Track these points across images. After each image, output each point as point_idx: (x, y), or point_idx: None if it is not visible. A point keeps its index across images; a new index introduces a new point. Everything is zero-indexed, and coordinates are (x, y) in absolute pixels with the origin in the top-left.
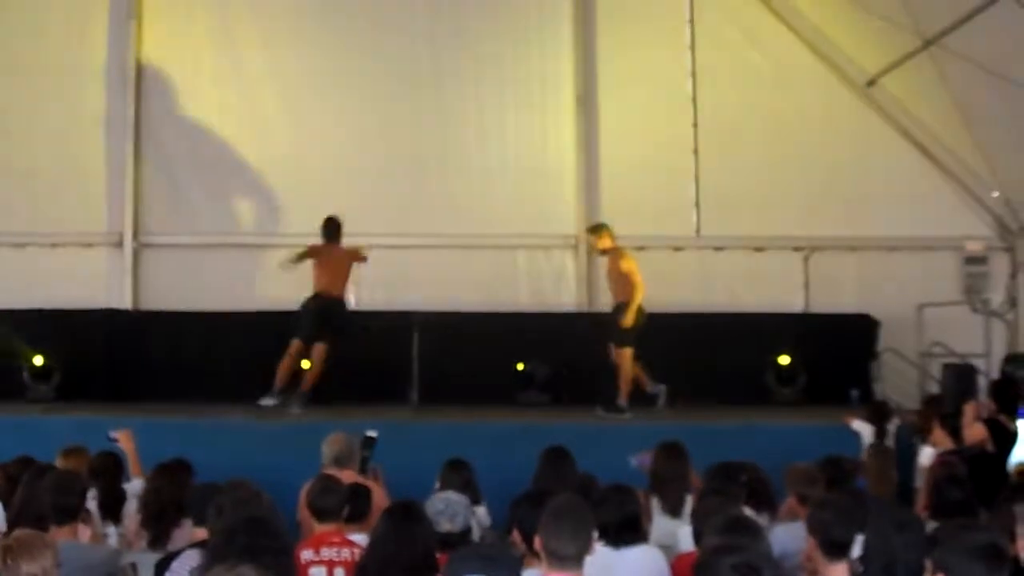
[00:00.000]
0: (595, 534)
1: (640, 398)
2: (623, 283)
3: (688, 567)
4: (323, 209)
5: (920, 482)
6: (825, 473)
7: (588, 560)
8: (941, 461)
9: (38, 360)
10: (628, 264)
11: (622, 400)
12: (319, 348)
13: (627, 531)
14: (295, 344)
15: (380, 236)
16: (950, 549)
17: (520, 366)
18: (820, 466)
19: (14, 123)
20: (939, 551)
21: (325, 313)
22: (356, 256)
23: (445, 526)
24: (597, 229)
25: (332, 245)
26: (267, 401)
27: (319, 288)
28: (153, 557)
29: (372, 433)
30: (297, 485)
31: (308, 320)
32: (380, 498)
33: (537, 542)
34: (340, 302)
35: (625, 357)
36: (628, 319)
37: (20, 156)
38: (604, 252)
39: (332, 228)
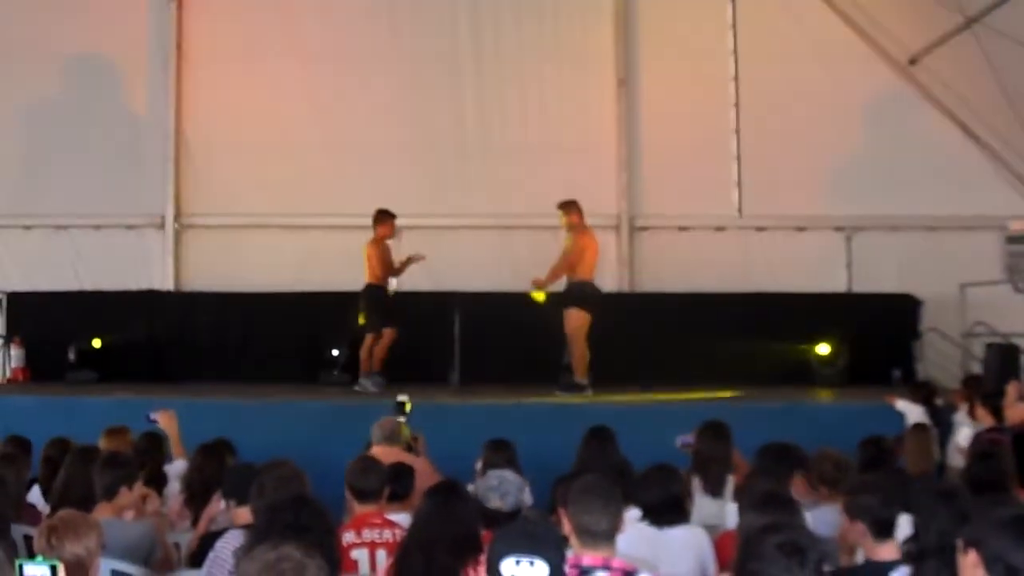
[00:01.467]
0: (625, 511)
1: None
2: (567, 260)
3: (734, 544)
4: (363, 189)
5: (954, 461)
6: (866, 453)
7: (631, 539)
8: (981, 438)
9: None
10: (581, 242)
11: (579, 378)
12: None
13: (670, 511)
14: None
15: (420, 217)
16: (981, 524)
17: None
18: (860, 446)
19: (57, 107)
20: (970, 527)
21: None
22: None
23: (495, 503)
24: (566, 206)
25: None
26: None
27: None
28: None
29: (403, 398)
30: (338, 465)
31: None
32: (424, 467)
33: (566, 521)
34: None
35: (577, 330)
36: (545, 283)
37: (62, 139)
38: (570, 229)
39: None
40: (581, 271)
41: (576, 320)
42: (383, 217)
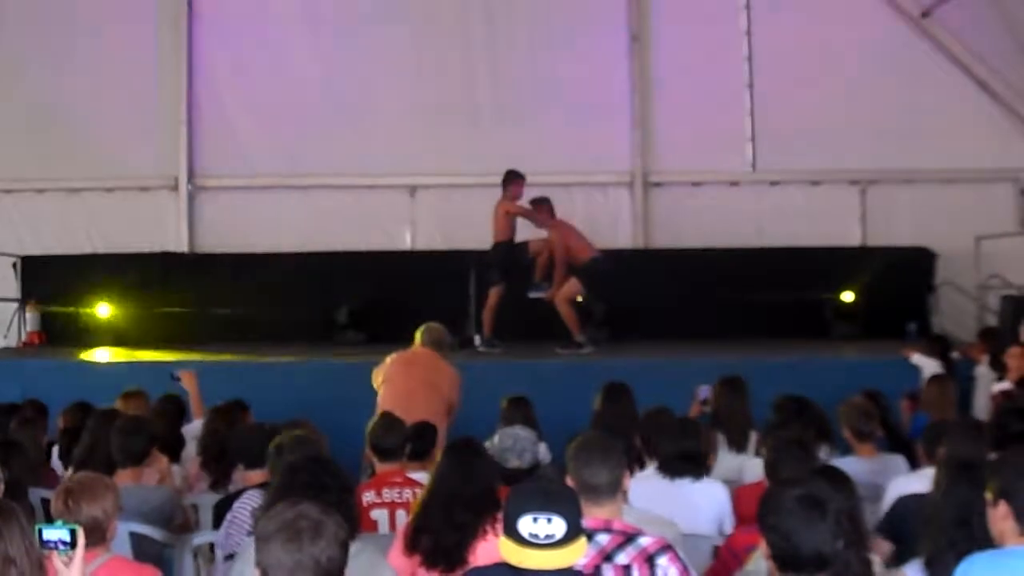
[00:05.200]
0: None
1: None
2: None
3: (751, 497)
4: (376, 150)
5: (980, 414)
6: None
7: (647, 492)
8: (1005, 393)
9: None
10: (556, 236)
11: (577, 336)
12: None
13: (685, 463)
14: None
15: (435, 176)
16: (1008, 474)
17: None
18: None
19: (68, 69)
20: (997, 478)
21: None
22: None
23: (513, 462)
24: (534, 205)
25: None
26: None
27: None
28: (213, 498)
29: None
30: (354, 425)
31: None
32: (454, 380)
33: (568, 476)
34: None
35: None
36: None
37: (74, 101)
38: (542, 226)
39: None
40: (580, 255)
41: (572, 288)
42: (513, 176)
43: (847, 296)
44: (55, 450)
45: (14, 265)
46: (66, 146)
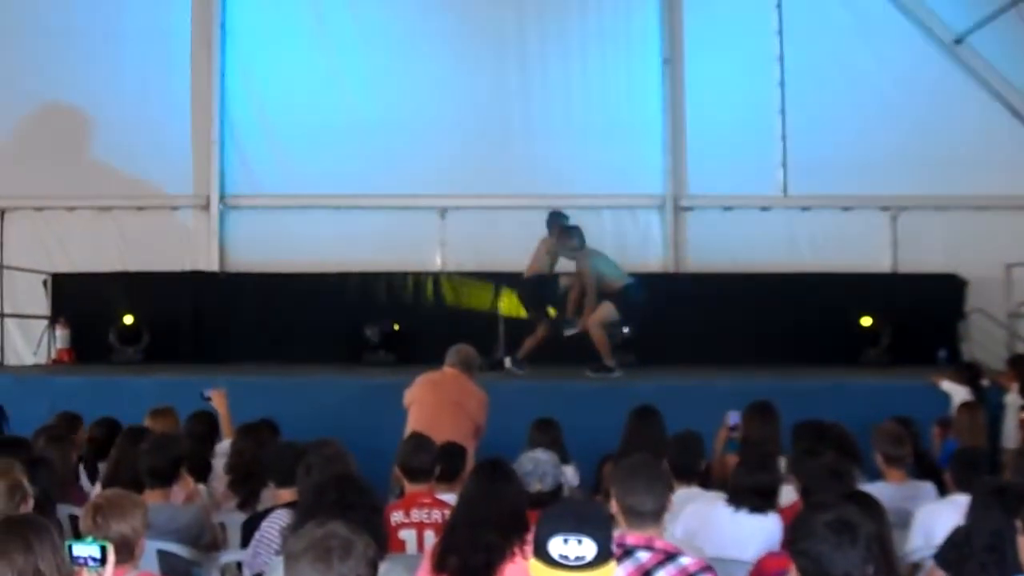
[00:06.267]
0: (680, 488)
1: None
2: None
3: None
4: (408, 169)
5: (1008, 443)
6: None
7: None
8: None
9: (128, 320)
10: (588, 263)
11: (608, 360)
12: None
13: (757, 497)
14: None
15: (465, 198)
16: None
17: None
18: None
19: (100, 87)
20: None
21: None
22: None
23: (536, 486)
24: (567, 233)
25: None
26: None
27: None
28: (241, 517)
29: None
30: (382, 444)
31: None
32: (482, 402)
33: (613, 501)
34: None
35: (604, 314)
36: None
37: (106, 119)
38: (570, 257)
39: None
40: (613, 285)
41: (605, 311)
42: (558, 218)
43: (869, 321)
44: (82, 467)
45: (44, 282)
46: (97, 164)
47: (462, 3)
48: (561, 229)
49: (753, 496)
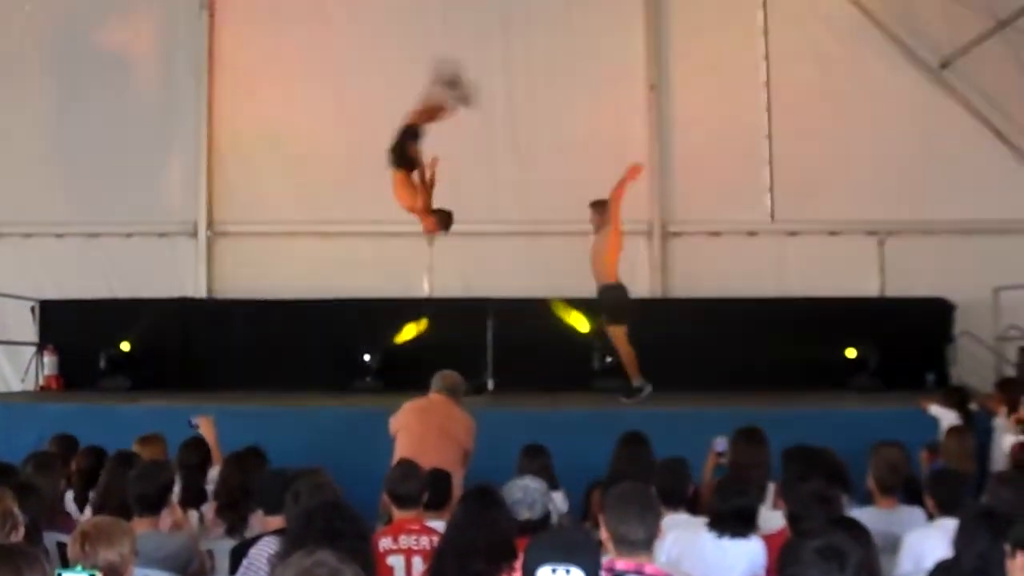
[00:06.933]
0: (668, 513)
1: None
2: (606, 262)
3: (771, 548)
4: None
5: (998, 466)
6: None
7: (681, 541)
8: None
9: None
10: (615, 242)
11: (636, 380)
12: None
13: (738, 522)
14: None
15: (454, 224)
16: None
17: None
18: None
19: (88, 114)
20: (1015, 531)
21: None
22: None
23: (524, 514)
24: (602, 205)
25: None
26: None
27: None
28: (229, 543)
29: None
30: (370, 471)
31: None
32: (469, 427)
33: (603, 528)
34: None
35: (618, 336)
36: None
37: (94, 147)
38: (599, 228)
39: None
40: (613, 272)
41: (618, 333)
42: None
43: (859, 344)
44: (69, 494)
45: (32, 309)
46: (85, 191)
47: (447, 29)
48: (595, 203)
49: (733, 521)
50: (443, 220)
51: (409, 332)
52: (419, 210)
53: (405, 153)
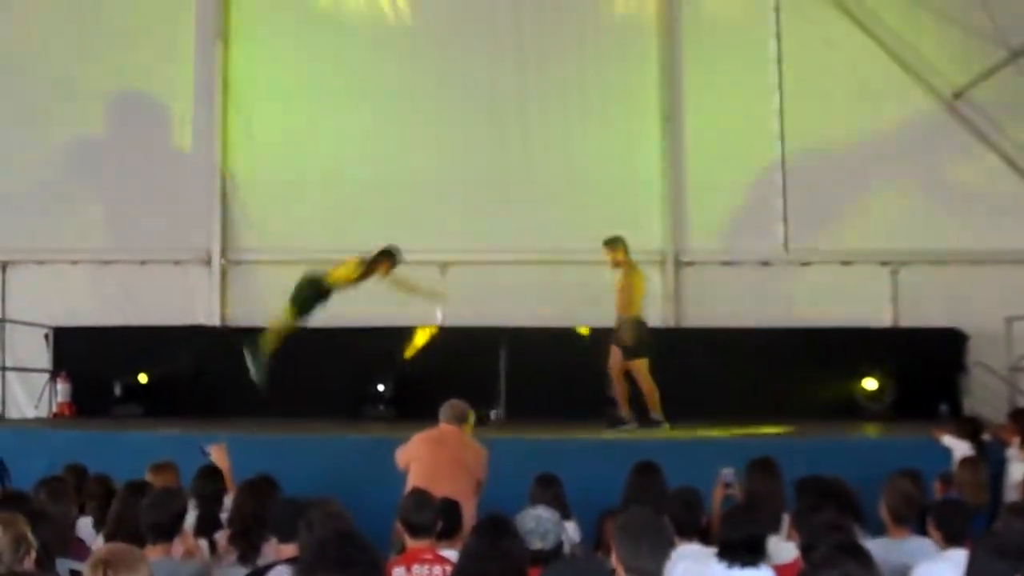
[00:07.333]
0: (682, 544)
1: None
2: (623, 297)
3: None
4: (409, 227)
5: (1010, 497)
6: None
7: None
8: None
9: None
10: (631, 279)
11: (654, 413)
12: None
13: (748, 552)
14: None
15: (466, 253)
16: None
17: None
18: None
19: (104, 143)
20: None
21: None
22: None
23: (537, 544)
24: (612, 243)
25: None
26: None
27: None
28: (242, 572)
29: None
30: (383, 500)
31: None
32: (481, 458)
33: (615, 559)
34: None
35: (640, 369)
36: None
37: (108, 175)
38: (616, 266)
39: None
40: (633, 308)
41: (639, 367)
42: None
43: (872, 374)
44: (80, 522)
45: (46, 336)
46: (99, 219)
47: (463, 60)
48: (607, 241)
49: (743, 550)
50: (389, 257)
51: (420, 339)
52: (362, 276)
53: (306, 306)
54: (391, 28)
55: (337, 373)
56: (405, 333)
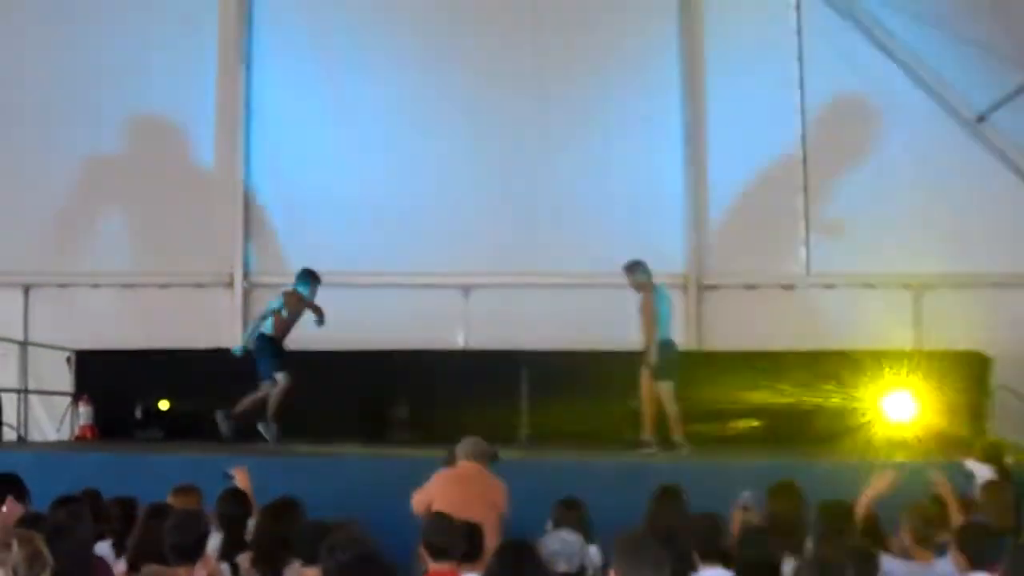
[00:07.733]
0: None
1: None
2: (646, 319)
3: None
4: (432, 248)
5: None
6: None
7: None
8: None
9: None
10: (651, 301)
11: (677, 436)
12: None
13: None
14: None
15: (488, 275)
16: None
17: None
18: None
19: (126, 165)
20: None
21: None
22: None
23: (561, 567)
24: (632, 267)
25: None
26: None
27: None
28: None
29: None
30: (405, 523)
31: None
32: (501, 494)
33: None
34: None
35: (665, 392)
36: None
37: (131, 198)
38: (639, 289)
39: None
40: (655, 330)
41: (665, 391)
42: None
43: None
44: (100, 542)
45: (68, 359)
46: (121, 242)
47: (485, 81)
48: (627, 265)
49: (760, 572)
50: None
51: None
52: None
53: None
54: (413, 51)
55: (360, 396)
56: (424, 356)
